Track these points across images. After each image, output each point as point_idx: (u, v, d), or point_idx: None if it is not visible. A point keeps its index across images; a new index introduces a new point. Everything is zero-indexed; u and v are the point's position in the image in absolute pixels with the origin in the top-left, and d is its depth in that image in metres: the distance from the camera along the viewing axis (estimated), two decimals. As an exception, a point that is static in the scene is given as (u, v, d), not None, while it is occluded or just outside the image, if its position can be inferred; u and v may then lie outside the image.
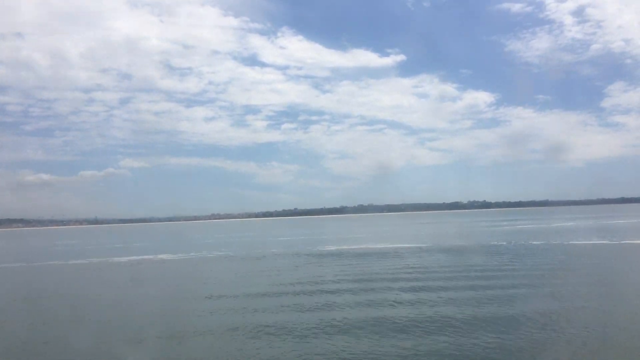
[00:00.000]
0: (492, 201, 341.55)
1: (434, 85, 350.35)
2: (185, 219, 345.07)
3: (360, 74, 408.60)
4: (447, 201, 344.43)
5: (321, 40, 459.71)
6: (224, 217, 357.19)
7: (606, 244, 49.50)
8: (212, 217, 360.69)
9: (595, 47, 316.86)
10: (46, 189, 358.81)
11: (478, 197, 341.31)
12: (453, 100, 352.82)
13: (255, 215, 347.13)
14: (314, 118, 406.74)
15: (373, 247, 55.01)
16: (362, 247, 55.15)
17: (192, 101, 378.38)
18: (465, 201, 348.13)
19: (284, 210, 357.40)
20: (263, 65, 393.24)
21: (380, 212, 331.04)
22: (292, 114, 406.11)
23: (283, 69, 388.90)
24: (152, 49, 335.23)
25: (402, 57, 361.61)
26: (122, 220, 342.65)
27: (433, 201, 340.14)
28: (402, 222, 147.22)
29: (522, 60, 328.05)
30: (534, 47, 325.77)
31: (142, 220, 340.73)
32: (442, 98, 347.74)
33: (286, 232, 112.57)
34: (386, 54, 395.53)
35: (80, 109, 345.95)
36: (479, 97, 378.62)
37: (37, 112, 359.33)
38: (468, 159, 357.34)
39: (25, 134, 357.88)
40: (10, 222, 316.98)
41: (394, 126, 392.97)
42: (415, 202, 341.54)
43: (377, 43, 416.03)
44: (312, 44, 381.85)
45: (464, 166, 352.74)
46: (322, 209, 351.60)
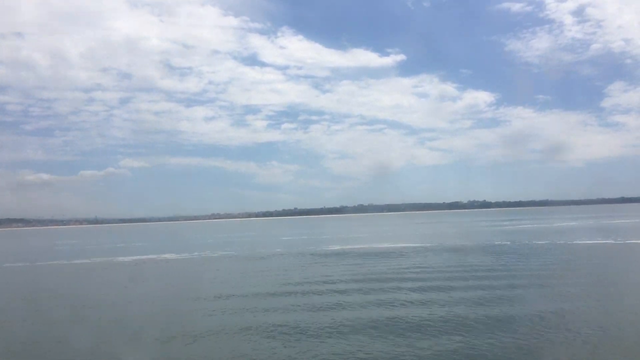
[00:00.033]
0: (492, 201, 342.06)
1: (434, 85, 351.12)
2: (185, 218, 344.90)
3: (360, 74, 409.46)
4: (447, 201, 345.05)
5: (321, 40, 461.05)
6: (224, 217, 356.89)
7: (611, 243, 49.45)
8: (212, 217, 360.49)
9: (595, 47, 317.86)
10: (46, 189, 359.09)
11: (478, 197, 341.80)
12: (453, 100, 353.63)
13: (255, 215, 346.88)
14: (314, 118, 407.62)
15: (377, 246, 54.92)
16: (365, 247, 55.06)
17: (192, 101, 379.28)
18: (465, 201, 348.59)
19: (284, 210, 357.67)
20: (263, 65, 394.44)
21: (380, 212, 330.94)
22: (292, 114, 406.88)
23: (283, 68, 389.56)
24: (152, 48, 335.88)
25: (402, 57, 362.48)
26: (122, 220, 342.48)
27: (433, 201, 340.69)
28: (403, 222, 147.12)
29: (522, 60, 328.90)
30: (534, 47, 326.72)
31: (142, 220, 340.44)
32: (442, 98, 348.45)
33: (287, 231, 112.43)
34: (386, 54, 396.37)
35: (80, 108, 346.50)
36: (479, 97, 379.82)
37: (37, 112, 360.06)
38: (468, 158, 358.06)
39: (25, 134, 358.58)
40: (10, 222, 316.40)
41: (394, 126, 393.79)
42: (415, 202, 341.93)
43: (377, 43, 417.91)
44: (312, 43, 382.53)
45: (463, 166, 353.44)
46: (322, 209, 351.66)
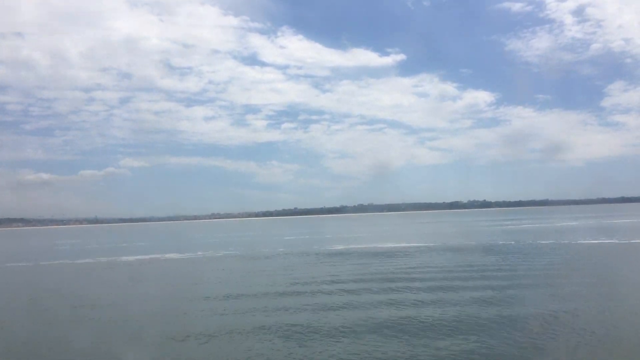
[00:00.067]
0: (492, 200, 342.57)
1: (434, 85, 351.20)
2: (185, 218, 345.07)
3: (360, 74, 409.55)
4: (447, 200, 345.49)
5: (321, 39, 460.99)
6: (224, 216, 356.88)
7: (615, 243, 49.47)
8: (212, 216, 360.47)
9: (596, 46, 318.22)
10: (46, 189, 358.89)
11: (478, 197, 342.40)
12: (453, 99, 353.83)
13: (255, 215, 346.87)
14: (314, 117, 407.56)
15: (381, 246, 54.87)
16: (369, 247, 55.03)
17: (192, 101, 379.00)
18: (465, 200, 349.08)
19: (284, 209, 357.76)
20: (263, 64, 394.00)
21: (380, 211, 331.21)
22: (292, 114, 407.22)
23: (283, 68, 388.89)
24: (152, 48, 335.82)
25: (402, 57, 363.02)
26: (122, 220, 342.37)
27: (433, 200, 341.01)
28: (404, 222, 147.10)
29: (522, 60, 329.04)
30: (534, 47, 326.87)
31: (142, 220, 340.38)
32: (442, 97, 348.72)
33: (289, 231, 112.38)
34: (386, 54, 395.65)
35: (80, 108, 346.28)
36: (479, 97, 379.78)
37: (37, 112, 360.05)
38: (468, 158, 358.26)
39: (25, 134, 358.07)
40: (10, 222, 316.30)
41: (394, 125, 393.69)
42: (415, 202, 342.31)
43: (377, 42, 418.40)
44: (312, 43, 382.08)
45: (463, 165, 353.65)
46: (322, 209, 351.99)
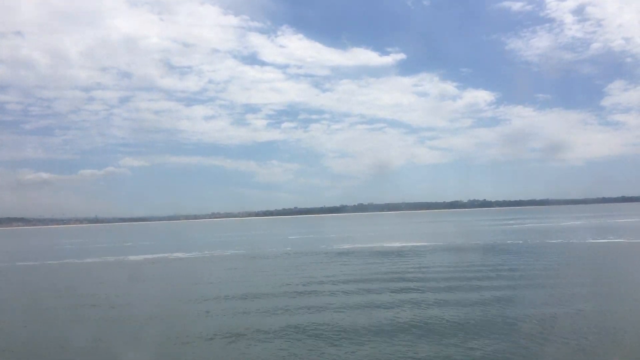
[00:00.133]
0: (492, 200, 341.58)
1: (434, 84, 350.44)
2: (185, 217, 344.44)
3: (360, 73, 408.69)
4: (447, 200, 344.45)
5: (321, 39, 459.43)
6: (224, 216, 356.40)
7: (625, 242, 49.45)
8: (212, 216, 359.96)
9: (596, 45, 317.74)
10: (46, 188, 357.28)
11: (478, 196, 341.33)
12: (453, 99, 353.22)
13: (256, 214, 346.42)
14: (314, 117, 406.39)
15: (389, 245, 54.67)
16: (377, 246, 54.85)
17: (192, 100, 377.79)
18: (465, 200, 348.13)
19: (284, 209, 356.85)
20: (263, 64, 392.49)
21: (380, 211, 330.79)
22: (292, 113, 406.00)
23: (283, 67, 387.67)
24: (152, 47, 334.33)
25: (402, 56, 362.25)
26: (122, 219, 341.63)
27: (433, 200, 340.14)
28: (406, 221, 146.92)
29: (522, 59, 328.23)
30: (534, 46, 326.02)
31: (142, 219, 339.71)
32: (442, 97, 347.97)
33: (291, 230, 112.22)
34: (386, 53, 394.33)
35: (80, 107, 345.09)
36: (479, 96, 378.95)
37: (37, 111, 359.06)
38: (468, 157, 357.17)
39: (25, 133, 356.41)
40: (10, 221, 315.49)
41: (394, 125, 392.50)
42: (415, 201, 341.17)
43: (377, 42, 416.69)
44: (312, 42, 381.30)
45: (463, 165, 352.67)
46: (322, 208, 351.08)
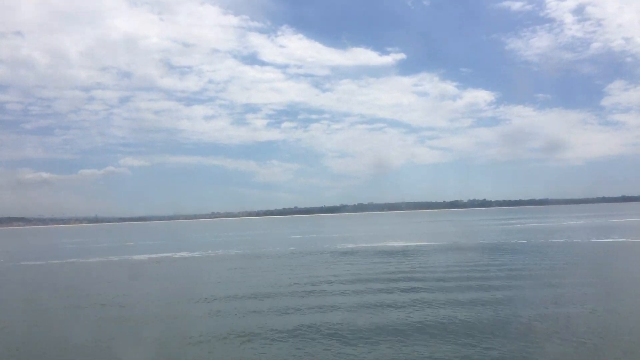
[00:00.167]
0: (492, 200, 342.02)
1: (434, 84, 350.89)
2: (185, 217, 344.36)
3: (360, 73, 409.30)
4: (447, 200, 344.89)
5: (321, 38, 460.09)
6: (224, 215, 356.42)
7: (628, 241, 49.57)
8: (212, 215, 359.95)
9: (596, 45, 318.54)
10: (46, 188, 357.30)
11: (478, 196, 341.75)
12: (453, 98, 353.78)
13: (256, 214, 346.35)
14: (313, 117, 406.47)
15: (393, 245, 54.70)
16: (381, 245, 54.86)
17: (192, 100, 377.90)
18: (465, 200, 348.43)
19: (284, 209, 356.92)
20: (263, 63, 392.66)
21: (380, 210, 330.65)
22: (292, 113, 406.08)
23: (283, 67, 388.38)
24: (152, 47, 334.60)
25: (402, 56, 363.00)
26: (122, 219, 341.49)
27: (433, 200, 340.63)
28: (407, 221, 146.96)
29: (522, 59, 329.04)
30: (534, 46, 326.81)
31: (142, 219, 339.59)
32: (442, 96, 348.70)
33: (293, 230, 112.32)
34: (386, 53, 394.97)
35: (80, 107, 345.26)
36: (479, 96, 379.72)
37: (37, 111, 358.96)
38: (468, 157, 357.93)
39: (25, 133, 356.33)
40: (10, 221, 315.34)
41: (394, 125, 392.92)
42: (415, 201, 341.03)
43: (377, 42, 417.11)
44: (312, 42, 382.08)
45: (463, 165, 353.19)
46: (321, 208, 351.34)
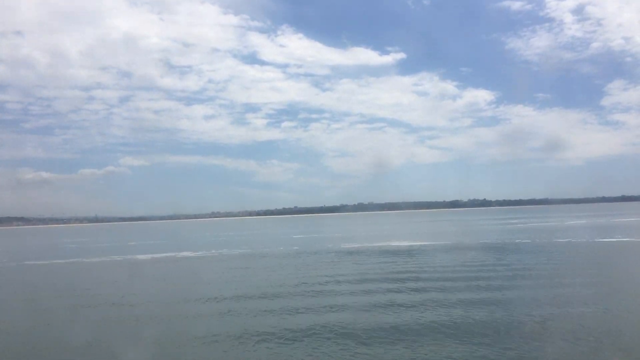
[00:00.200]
0: (492, 199, 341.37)
1: (434, 84, 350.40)
2: (185, 217, 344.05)
3: (360, 72, 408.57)
4: (447, 199, 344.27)
5: (321, 38, 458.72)
6: (224, 215, 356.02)
7: (633, 241, 49.50)
8: (212, 215, 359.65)
9: (595, 45, 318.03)
10: (46, 187, 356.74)
11: (478, 195, 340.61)
12: (453, 98, 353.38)
13: (256, 214, 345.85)
14: (313, 116, 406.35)
15: (397, 244, 54.63)
16: (385, 245, 54.76)
17: (192, 99, 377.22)
18: (465, 199, 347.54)
19: (284, 208, 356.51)
20: (263, 63, 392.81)
21: (380, 210, 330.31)
22: (292, 112, 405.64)
23: (283, 67, 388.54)
24: (151, 47, 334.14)
25: (402, 55, 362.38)
26: (122, 219, 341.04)
27: (433, 199, 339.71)
28: (408, 220, 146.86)
29: (522, 59, 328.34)
30: (534, 45, 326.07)
31: (142, 219, 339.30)
32: (442, 96, 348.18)
33: (295, 230, 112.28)
34: (386, 52, 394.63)
35: (80, 107, 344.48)
36: (478, 95, 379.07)
37: (37, 110, 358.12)
38: (468, 157, 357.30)
39: (25, 132, 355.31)
40: (10, 220, 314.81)
41: (394, 124, 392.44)
42: (415, 201, 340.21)
43: (377, 41, 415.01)
44: (312, 42, 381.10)
45: (463, 164, 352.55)
46: (322, 207, 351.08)
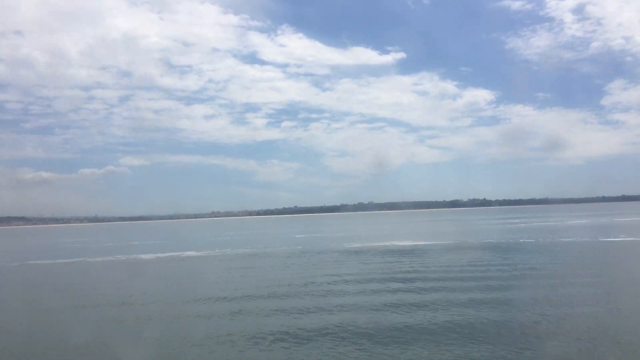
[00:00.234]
0: (492, 199, 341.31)
1: (434, 83, 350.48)
2: (185, 216, 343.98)
3: (360, 72, 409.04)
4: (447, 199, 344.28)
5: (321, 38, 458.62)
6: (224, 215, 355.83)
7: (637, 240, 49.44)
8: (212, 215, 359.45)
9: (595, 44, 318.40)
10: (46, 187, 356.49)
11: (478, 195, 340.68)
12: (453, 97, 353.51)
13: (256, 213, 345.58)
14: (313, 116, 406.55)
15: (401, 244, 54.53)
16: (388, 245, 54.66)
17: (192, 99, 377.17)
18: (465, 199, 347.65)
19: (284, 208, 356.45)
20: (263, 63, 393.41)
21: (380, 209, 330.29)
22: (292, 112, 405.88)
23: (283, 66, 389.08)
24: (151, 46, 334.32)
25: (402, 55, 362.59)
26: (122, 218, 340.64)
27: (433, 199, 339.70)
28: (408, 220, 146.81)
29: (522, 58, 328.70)
30: (534, 45, 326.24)
31: (142, 218, 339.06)
32: (442, 96, 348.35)
33: (296, 229, 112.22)
34: (386, 52, 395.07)
35: (80, 106, 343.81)
36: (478, 95, 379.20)
37: (37, 110, 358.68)
38: (468, 156, 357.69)
39: (25, 132, 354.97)
40: (10, 220, 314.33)
41: (394, 124, 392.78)
42: (415, 200, 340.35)
43: (377, 41, 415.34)
44: (312, 41, 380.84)
45: (463, 164, 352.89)
46: (321, 207, 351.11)
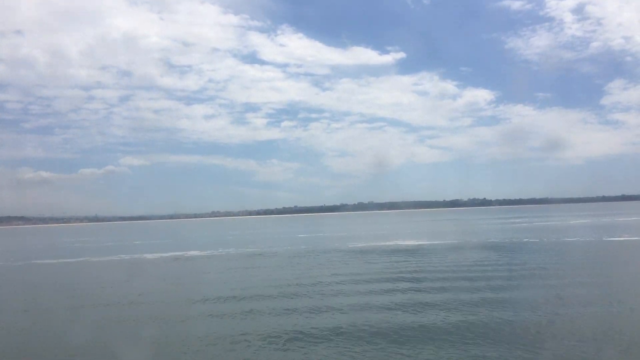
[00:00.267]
0: (492, 199, 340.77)
1: (434, 83, 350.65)
2: (185, 216, 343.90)
3: (360, 72, 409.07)
4: (447, 199, 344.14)
5: (321, 38, 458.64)
6: (224, 214, 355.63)
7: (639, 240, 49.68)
8: (212, 214, 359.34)
9: (595, 44, 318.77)
10: (46, 187, 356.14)
11: (478, 195, 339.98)
12: (453, 97, 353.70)
13: (256, 213, 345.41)
14: (313, 116, 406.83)
15: (405, 243, 54.62)
16: (391, 244, 54.70)
17: (191, 99, 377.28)
18: (465, 199, 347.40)
19: (284, 208, 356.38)
20: (263, 63, 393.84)
21: (380, 209, 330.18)
22: (292, 112, 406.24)
23: (283, 66, 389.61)
24: (151, 46, 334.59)
25: (402, 55, 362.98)
26: (122, 218, 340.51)
27: (433, 199, 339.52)
28: (409, 220, 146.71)
29: (522, 58, 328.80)
30: (534, 45, 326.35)
31: (142, 218, 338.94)
32: (442, 96, 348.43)
33: (298, 229, 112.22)
34: (386, 52, 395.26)
35: (80, 106, 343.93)
36: (478, 95, 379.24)
37: (37, 110, 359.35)
38: (468, 156, 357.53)
39: (25, 132, 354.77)
40: (10, 220, 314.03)
41: (394, 124, 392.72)
42: (416, 200, 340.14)
43: (377, 41, 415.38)
44: (312, 41, 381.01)
45: (463, 164, 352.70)
46: (322, 207, 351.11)
